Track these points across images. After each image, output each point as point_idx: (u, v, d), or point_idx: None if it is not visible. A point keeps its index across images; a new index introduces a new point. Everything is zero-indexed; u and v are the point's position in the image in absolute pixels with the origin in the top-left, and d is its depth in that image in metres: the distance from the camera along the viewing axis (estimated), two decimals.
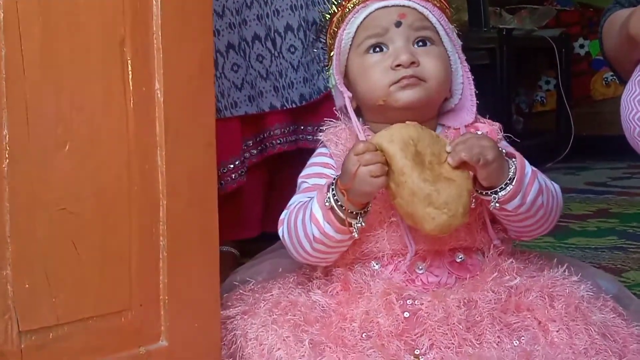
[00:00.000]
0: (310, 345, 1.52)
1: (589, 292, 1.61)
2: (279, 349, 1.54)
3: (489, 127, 1.70)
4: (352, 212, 1.54)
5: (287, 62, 2.36)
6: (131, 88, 1.41)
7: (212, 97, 1.48)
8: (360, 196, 1.53)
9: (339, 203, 1.54)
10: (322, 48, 1.79)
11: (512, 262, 1.63)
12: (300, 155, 2.42)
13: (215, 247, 1.49)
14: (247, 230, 2.37)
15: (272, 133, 2.36)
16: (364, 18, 1.67)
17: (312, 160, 1.74)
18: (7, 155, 1.31)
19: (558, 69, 3.96)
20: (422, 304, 1.56)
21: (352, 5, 1.69)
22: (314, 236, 1.59)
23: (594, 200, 3.35)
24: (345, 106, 1.69)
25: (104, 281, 1.40)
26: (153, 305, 1.44)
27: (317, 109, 2.41)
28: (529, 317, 1.56)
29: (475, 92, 1.72)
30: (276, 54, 2.35)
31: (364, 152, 1.51)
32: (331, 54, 1.72)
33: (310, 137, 2.41)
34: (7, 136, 1.30)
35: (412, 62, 1.62)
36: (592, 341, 1.52)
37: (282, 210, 1.67)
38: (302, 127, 2.41)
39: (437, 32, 1.68)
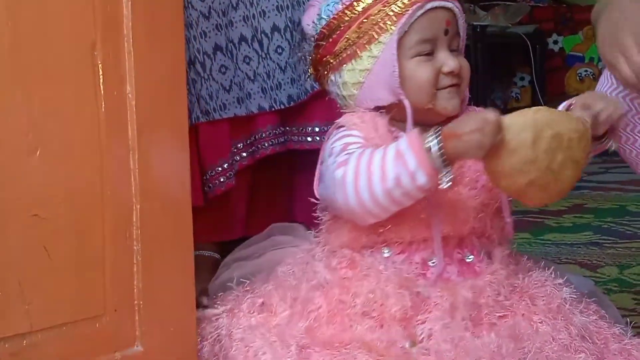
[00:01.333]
0: (297, 350, 1.43)
1: (571, 295, 1.53)
2: (264, 352, 1.44)
3: None
4: (445, 161, 1.40)
5: (274, 63, 2.25)
6: (102, 92, 1.32)
7: (184, 100, 1.40)
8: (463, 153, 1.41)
9: (440, 149, 1.40)
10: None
11: (512, 265, 1.55)
12: (286, 157, 2.31)
13: (190, 250, 1.41)
14: (230, 232, 2.26)
15: (263, 135, 2.25)
16: (416, 19, 1.54)
17: (343, 132, 1.57)
18: None
19: (532, 65, 3.87)
20: (431, 293, 1.47)
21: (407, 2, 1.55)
22: (396, 177, 1.42)
23: (570, 195, 3.23)
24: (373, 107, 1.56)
25: (77, 287, 1.32)
26: (128, 311, 1.36)
27: (303, 109, 2.30)
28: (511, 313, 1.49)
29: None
30: (263, 55, 2.24)
31: (489, 124, 1.40)
32: (358, 49, 1.56)
33: (296, 137, 2.29)
34: None
35: (459, 70, 1.56)
36: (571, 340, 1.46)
37: (266, 213, 1.58)
38: (288, 128, 2.29)
39: (460, 44, 1.61)
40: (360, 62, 1.55)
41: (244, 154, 2.24)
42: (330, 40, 1.58)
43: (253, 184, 2.30)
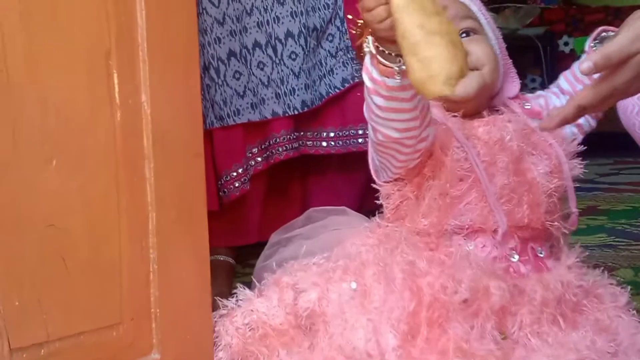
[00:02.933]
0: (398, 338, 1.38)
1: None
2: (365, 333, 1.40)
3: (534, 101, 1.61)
4: (391, 55, 1.37)
5: (288, 68, 2.23)
6: (117, 101, 1.30)
7: (199, 107, 1.38)
8: (384, 39, 1.36)
9: (379, 48, 1.38)
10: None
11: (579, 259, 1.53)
12: (301, 162, 2.30)
13: (205, 258, 1.39)
14: (245, 237, 2.25)
15: (277, 140, 2.24)
16: None
17: None
18: None
19: (543, 67, 3.84)
20: (526, 287, 1.44)
21: None
22: (368, 88, 1.45)
23: (583, 197, 3.20)
24: None
25: (94, 296, 1.30)
26: (144, 319, 1.34)
27: (318, 114, 2.30)
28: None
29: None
30: (277, 61, 2.23)
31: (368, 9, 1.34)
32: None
33: (310, 142, 2.28)
34: None
35: None
36: None
37: (281, 218, 1.56)
38: (303, 133, 2.28)
39: (479, 22, 1.56)
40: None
41: (259, 159, 2.23)
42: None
43: (268, 189, 2.29)
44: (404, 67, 1.32)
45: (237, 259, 2.25)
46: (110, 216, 1.30)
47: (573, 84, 1.63)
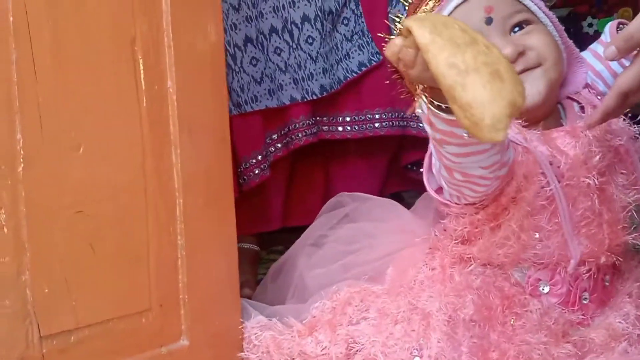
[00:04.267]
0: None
1: None
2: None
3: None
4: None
5: (305, 53, 2.24)
6: (143, 87, 1.32)
7: (224, 92, 1.40)
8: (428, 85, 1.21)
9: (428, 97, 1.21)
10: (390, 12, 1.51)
11: None
12: (322, 147, 2.32)
13: (233, 243, 1.41)
14: (268, 223, 2.27)
15: (297, 126, 2.25)
16: (451, 12, 1.40)
17: None
18: (22, 160, 1.23)
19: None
20: (588, 337, 1.38)
21: (432, 4, 1.42)
22: (436, 139, 1.27)
23: None
24: None
25: (123, 283, 1.33)
26: (173, 305, 1.37)
27: (335, 99, 2.30)
28: None
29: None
30: (294, 46, 2.24)
31: (397, 57, 1.15)
32: None
33: (326, 127, 2.29)
34: (21, 140, 1.23)
35: (520, 53, 1.36)
36: None
37: (304, 204, 1.50)
38: (319, 118, 2.30)
39: (532, 12, 1.41)
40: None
41: (279, 146, 2.24)
42: None
43: (290, 175, 2.31)
44: (444, 108, 1.19)
45: (261, 245, 2.27)
46: (137, 202, 1.32)
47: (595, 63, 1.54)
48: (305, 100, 2.24)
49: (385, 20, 2.22)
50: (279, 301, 1.60)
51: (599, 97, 1.47)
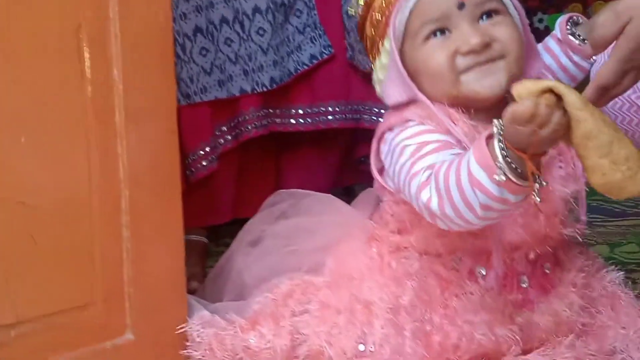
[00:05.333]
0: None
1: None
2: None
3: None
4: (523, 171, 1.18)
5: (256, 45, 2.23)
6: (89, 76, 1.31)
7: (172, 82, 1.38)
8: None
9: (511, 163, 1.17)
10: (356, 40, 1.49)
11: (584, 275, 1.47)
12: (273, 139, 2.31)
13: (180, 236, 1.39)
14: (218, 216, 2.25)
15: (246, 117, 2.24)
16: (416, 1, 1.37)
17: (416, 129, 1.36)
18: None
19: None
20: (533, 321, 1.39)
21: None
22: (483, 206, 1.22)
23: None
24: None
25: (66, 276, 1.31)
26: (117, 299, 1.35)
27: (287, 91, 2.29)
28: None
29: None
30: (245, 37, 2.22)
31: (532, 115, 1.13)
32: (376, 45, 1.43)
33: (279, 120, 2.28)
34: None
35: (486, 45, 1.33)
36: None
37: (254, 196, 1.49)
38: (272, 111, 2.29)
39: (503, 3, 1.39)
40: (380, 59, 1.42)
41: (228, 137, 2.22)
42: (362, 39, 1.47)
43: (240, 167, 2.29)
44: (545, 183, 1.18)
45: (210, 237, 2.25)
46: (81, 194, 1.30)
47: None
48: (255, 91, 2.23)
49: (339, 13, 2.21)
50: (219, 302, 1.57)
51: None
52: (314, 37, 2.26)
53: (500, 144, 1.17)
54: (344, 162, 2.38)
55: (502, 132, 1.17)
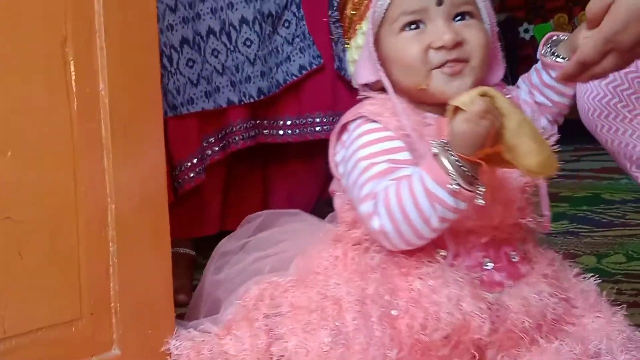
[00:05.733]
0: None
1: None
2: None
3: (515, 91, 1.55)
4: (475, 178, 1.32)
5: (243, 56, 2.23)
6: (74, 89, 1.29)
7: (158, 95, 1.37)
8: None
9: (466, 172, 1.30)
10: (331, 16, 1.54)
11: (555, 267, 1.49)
12: (260, 150, 2.30)
13: (167, 250, 1.38)
14: (205, 227, 2.25)
15: (234, 129, 2.23)
16: None
17: (366, 138, 1.43)
18: None
19: (504, 54, 3.86)
20: (504, 304, 1.40)
21: None
22: (439, 216, 1.33)
23: None
24: (373, 83, 1.46)
25: (52, 291, 1.29)
26: (104, 314, 1.34)
27: (275, 102, 2.29)
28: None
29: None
30: (232, 48, 2.22)
31: (486, 111, 1.27)
32: (354, 26, 1.47)
33: (267, 131, 2.28)
34: None
35: (457, 43, 1.39)
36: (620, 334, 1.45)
37: (241, 207, 1.50)
38: (260, 122, 2.28)
39: (478, 8, 1.45)
40: (356, 40, 1.47)
41: (215, 149, 2.22)
42: (341, 19, 1.50)
43: (227, 179, 2.29)
44: (484, 188, 1.31)
45: (197, 250, 2.24)
46: (67, 208, 1.29)
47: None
48: (243, 103, 2.22)
49: (327, 24, 2.21)
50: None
51: None
52: (303, 47, 2.26)
53: (451, 156, 1.30)
54: (331, 173, 2.37)
55: (448, 146, 1.30)
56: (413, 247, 1.39)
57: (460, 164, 1.30)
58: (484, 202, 1.32)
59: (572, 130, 1.75)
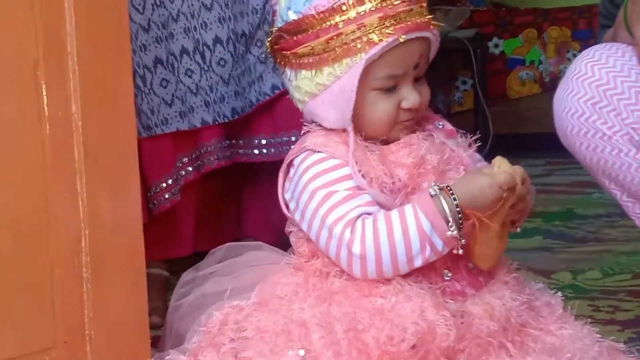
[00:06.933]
0: None
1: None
2: None
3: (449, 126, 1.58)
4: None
5: (217, 75, 2.20)
6: (47, 113, 1.26)
7: (132, 118, 1.34)
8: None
9: (459, 219, 1.38)
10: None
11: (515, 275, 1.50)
12: (234, 170, 2.27)
13: (142, 275, 1.35)
14: (179, 248, 2.21)
15: (208, 149, 2.21)
16: (388, 50, 1.43)
17: (317, 169, 1.46)
18: None
19: (474, 69, 3.86)
20: (472, 316, 1.41)
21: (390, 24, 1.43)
22: (425, 259, 1.40)
23: None
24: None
25: (25, 319, 1.25)
26: (79, 342, 1.29)
27: (249, 122, 2.27)
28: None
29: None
30: (206, 68, 2.20)
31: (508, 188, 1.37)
32: (326, 60, 1.44)
33: (242, 150, 2.25)
34: None
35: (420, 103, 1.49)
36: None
37: (215, 228, 1.47)
38: (234, 142, 2.25)
39: (428, 62, 1.52)
40: (320, 76, 1.44)
41: (189, 169, 2.19)
42: (295, 39, 1.46)
43: (201, 199, 2.25)
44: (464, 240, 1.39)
45: (171, 270, 2.21)
46: (40, 234, 1.25)
47: None
48: (217, 122, 2.20)
49: None
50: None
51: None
52: (275, 66, 2.24)
53: (454, 204, 1.37)
54: None
55: (450, 190, 1.38)
56: (380, 278, 1.42)
57: (458, 210, 1.37)
58: (461, 251, 1.39)
59: (542, 144, 1.75)
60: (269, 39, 1.53)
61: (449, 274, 1.44)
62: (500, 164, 1.40)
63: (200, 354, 1.43)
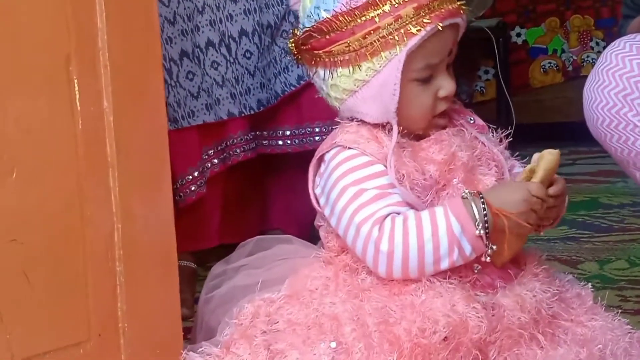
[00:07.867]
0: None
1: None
2: None
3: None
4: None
5: (243, 67, 2.20)
6: (79, 108, 1.26)
7: (163, 111, 1.34)
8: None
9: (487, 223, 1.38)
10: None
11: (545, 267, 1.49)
12: (259, 161, 2.27)
13: (174, 268, 1.36)
14: (205, 240, 2.21)
15: (234, 141, 2.21)
16: (428, 37, 1.42)
17: (347, 165, 1.45)
18: None
19: (496, 58, 3.84)
20: (503, 308, 1.41)
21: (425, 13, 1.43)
22: (451, 263, 1.39)
23: None
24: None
25: (59, 313, 1.26)
26: (112, 335, 1.30)
27: (273, 113, 2.27)
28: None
29: None
30: (231, 60, 2.20)
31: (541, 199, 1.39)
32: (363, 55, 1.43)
33: (266, 142, 2.25)
34: None
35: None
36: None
37: (241, 219, 1.47)
38: (259, 133, 2.25)
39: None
40: (359, 72, 1.43)
41: (215, 161, 2.19)
42: (327, 37, 1.44)
43: (226, 191, 2.26)
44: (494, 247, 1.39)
45: (198, 262, 2.21)
46: (73, 229, 1.26)
47: None
48: (243, 114, 2.20)
49: None
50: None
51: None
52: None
53: (483, 207, 1.37)
54: None
55: (481, 197, 1.37)
56: (403, 279, 1.41)
57: (485, 213, 1.37)
58: (489, 259, 1.39)
59: (565, 133, 1.74)
60: (291, 40, 1.51)
61: (479, 267, 1.43)
62: (541, 160, 1.41)
63: (233, 345, 1.42)
